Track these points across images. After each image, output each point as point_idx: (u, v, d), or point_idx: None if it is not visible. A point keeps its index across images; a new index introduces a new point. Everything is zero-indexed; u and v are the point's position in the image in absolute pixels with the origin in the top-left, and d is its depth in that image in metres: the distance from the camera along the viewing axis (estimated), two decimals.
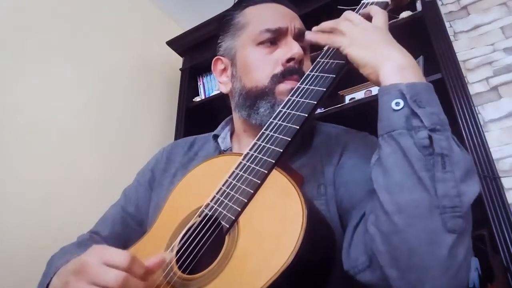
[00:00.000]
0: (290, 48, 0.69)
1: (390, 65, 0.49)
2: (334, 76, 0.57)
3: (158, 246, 0.55)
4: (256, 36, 0.71)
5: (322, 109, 1.70)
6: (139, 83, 1.97)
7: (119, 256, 0.44)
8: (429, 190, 0.41)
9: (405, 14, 1.53)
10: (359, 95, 1.63)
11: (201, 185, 0.59)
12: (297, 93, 0.59)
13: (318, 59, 0.62)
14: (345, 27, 0.57)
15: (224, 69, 0.78)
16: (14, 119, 1.34)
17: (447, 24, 1.56)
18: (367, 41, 0.53)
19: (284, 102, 0.59)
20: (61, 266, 0.55)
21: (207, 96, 1.98)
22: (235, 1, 0.80)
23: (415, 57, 1.56)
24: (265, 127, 0.58)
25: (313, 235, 0.44)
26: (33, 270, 0.67)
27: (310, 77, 0.60)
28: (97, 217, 0.83)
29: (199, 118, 1.88)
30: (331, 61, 0.60)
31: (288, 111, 0.57)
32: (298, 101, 0.57)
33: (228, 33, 0.76)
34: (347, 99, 1.66)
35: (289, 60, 0.69)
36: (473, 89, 1.57)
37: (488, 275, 1.18)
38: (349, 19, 0.58)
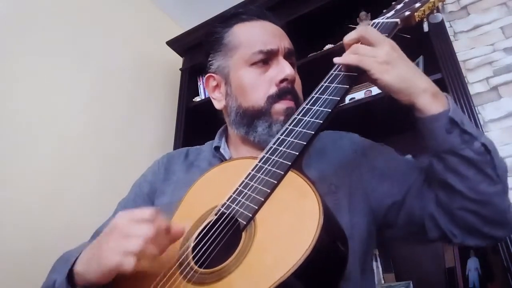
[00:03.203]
0: (283, 69, 0.73)
1: (426, 96, 0.59)
2: (348, 87, 0.61)
3: (174, 243, 0.55)
4: (249, 57, 0.75)
5: None
6: (139, 83, 1.98)
7: (145, 211, 0.50)
8: (493, 178, 0.59)
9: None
10: (359, 95, 1.63)
11: (216, 186, 0.61)
12: (312, 101, 0.62)
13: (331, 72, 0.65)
14: (365, 50, 0.60)
15: (217, 86, 0.82)
16: (13, 120, 1.34)
17: (447, 24, 1.56)
18: (397, 69, 0.59)
19: (299, 111, 0.62)
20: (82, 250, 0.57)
21: (207, 96, 1.97)
22: (222, 18, 0.83)
23: (415, 57, 1.58)
24: (280, 132, 0.61)
25: (329, 232, 0.46)
26: (33, 271, 0.67)
27: (324, 87, 0.63)
28: (97, 217, 0.83)
29: (199, 118, 1.87)
30: (343, 73, 0.63)
31: (304, 118, 0.60)
32: (313, 108, 0.60)
33: (220, 52, 0.80)
34: (347, 99, 1.65)
35: (282, 81, 0.73)
36: (473, 89, 1.56)
37: (488, 275, 1.18)
38: (366, 38, 0.60)
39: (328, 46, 1.69)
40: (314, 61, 1.60)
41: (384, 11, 0.71)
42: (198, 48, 2.00)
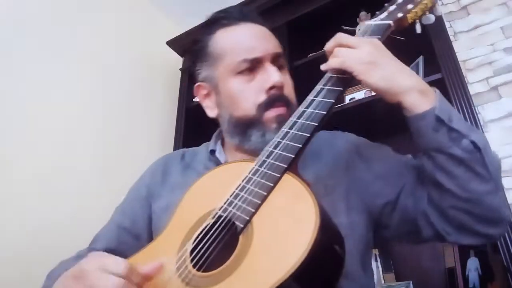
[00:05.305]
0: (269, 77, 0.71)
1: (413, 94, 0.59)
2: (341, 89, 0.61)
3: (172, 247, 0.56)
4: (234, 67, 0.73)
5: None
6: (139, 83, 1.98)
7: (117, 264, 0.46)
8: (484, 176, 0.58)
9: None
10: (359, 95, 1.63)
11: (213, 190, 0.61)
12: (307, 104, 0.62)
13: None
14: (346, 52, 0.61)
15: (207, 94, 0.81)
16: (13, 119, 1.34)
17: (447, 24, 1.56)
18: (381, 69, 0.59)
19: (295, 113, 0.62)
20: (60, 275, 0.56)
21: None
22: (205, 23, 0.81)
23: (415, 57, 1.58)
24: (277, 135, 0.61)
25: (325, 234, 0.46)
26: (33, 271, 0.67)
27: (319, 90, 0.63)
28: (97, 217, 0.83)
29: (199, 118, 1.87)
30: (336, 75, 0.63)
31: (299, 120, 0.60)
32: (307, 111, 0.61)
33: (206, 62, 0.79)
34: (347, 99, 1.66)
35: (271, 88, 0.71)
36: (473, 89, 1.56)
37: (488, 275, 1.18)
38: (344, 44, 0.62)
39: None
40: (314, 61, 1.60)
41: (377, 12, 0.72)
42: None
